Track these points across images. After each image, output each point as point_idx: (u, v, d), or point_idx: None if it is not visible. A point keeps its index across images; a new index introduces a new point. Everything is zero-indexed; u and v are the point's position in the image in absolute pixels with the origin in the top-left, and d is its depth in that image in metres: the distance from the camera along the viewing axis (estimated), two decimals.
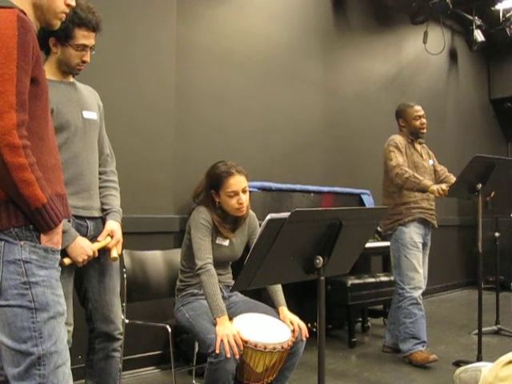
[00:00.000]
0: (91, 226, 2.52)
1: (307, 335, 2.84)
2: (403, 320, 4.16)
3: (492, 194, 4.22)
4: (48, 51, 2.46)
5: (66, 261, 2.30)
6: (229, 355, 2.54)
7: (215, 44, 4.80)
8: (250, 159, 4.83)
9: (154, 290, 3.34)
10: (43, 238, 1.71)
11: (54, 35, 2.38)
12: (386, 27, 6.76)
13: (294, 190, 4.98)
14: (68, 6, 1.88)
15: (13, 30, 1.62)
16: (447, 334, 5.02)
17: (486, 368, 2.36)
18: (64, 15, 1.89)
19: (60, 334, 1.74)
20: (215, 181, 2.92)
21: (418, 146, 4.41)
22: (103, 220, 2.59)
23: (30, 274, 1.68)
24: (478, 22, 7.34)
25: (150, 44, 4.08)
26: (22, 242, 1.68)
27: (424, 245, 4.29)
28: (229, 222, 3.00)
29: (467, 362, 3.29)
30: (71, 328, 2.49)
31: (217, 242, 2.97)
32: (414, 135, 4.36)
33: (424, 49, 6.87)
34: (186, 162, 4.34)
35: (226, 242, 3.00)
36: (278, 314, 2.91)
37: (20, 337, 1.67)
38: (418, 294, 4.15)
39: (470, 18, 7.38)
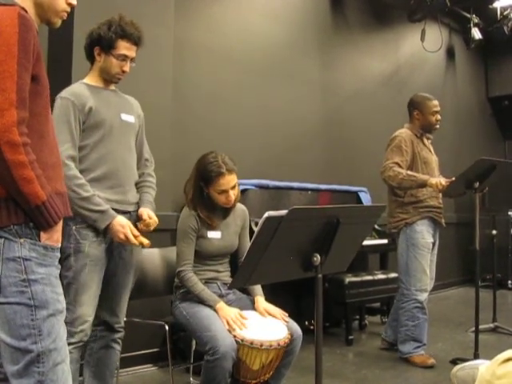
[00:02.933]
0: None
1: (287, 321, 2.88)
2: (405, 322, 4.09)
3: (484, 190, 4.15)
4: (93, 60, 2.66)
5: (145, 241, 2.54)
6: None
7: (213, 42, 4.80)
8: (248, 157, 4.83)
9: (151, 288, 3.35)
10: (43, 235, 1.71)
11: (98, 45, 2.58)
12: (384, 25, 6.76)
13: (292, 188, 4.97)
14: (69, 5, 1.87)
15: (14, 28, 1.62)
16: (444, 332, 5.04)
17: (483, 366, 2.37)
18: (65, 14, 1.89)
19: (59, 332, 1.75)
20: (205, 177, 2.95)
21: (426, 141, 4.24)
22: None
23: (29, 272, 1.68)
24: (475, 19, 7.36)
25: (147, 42, 4.03)
26: (21, 240, 1.68)
27: (433, 244, 4.16)
28: (218, 210, 3.04)
29: (464, 360, 3.29)
30: (90, 319, 2.56)
31: (208, 236, 3.00)
32: (425, 129, 4.18)
33: (422, 47, 6.87)
34: (184, 160, 4.31)
35: (218, 234, 3.03)
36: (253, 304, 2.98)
37: (19, 334, 1.68)
38: (423, 297, 4.06)
39: (468, 15, 7.39)
